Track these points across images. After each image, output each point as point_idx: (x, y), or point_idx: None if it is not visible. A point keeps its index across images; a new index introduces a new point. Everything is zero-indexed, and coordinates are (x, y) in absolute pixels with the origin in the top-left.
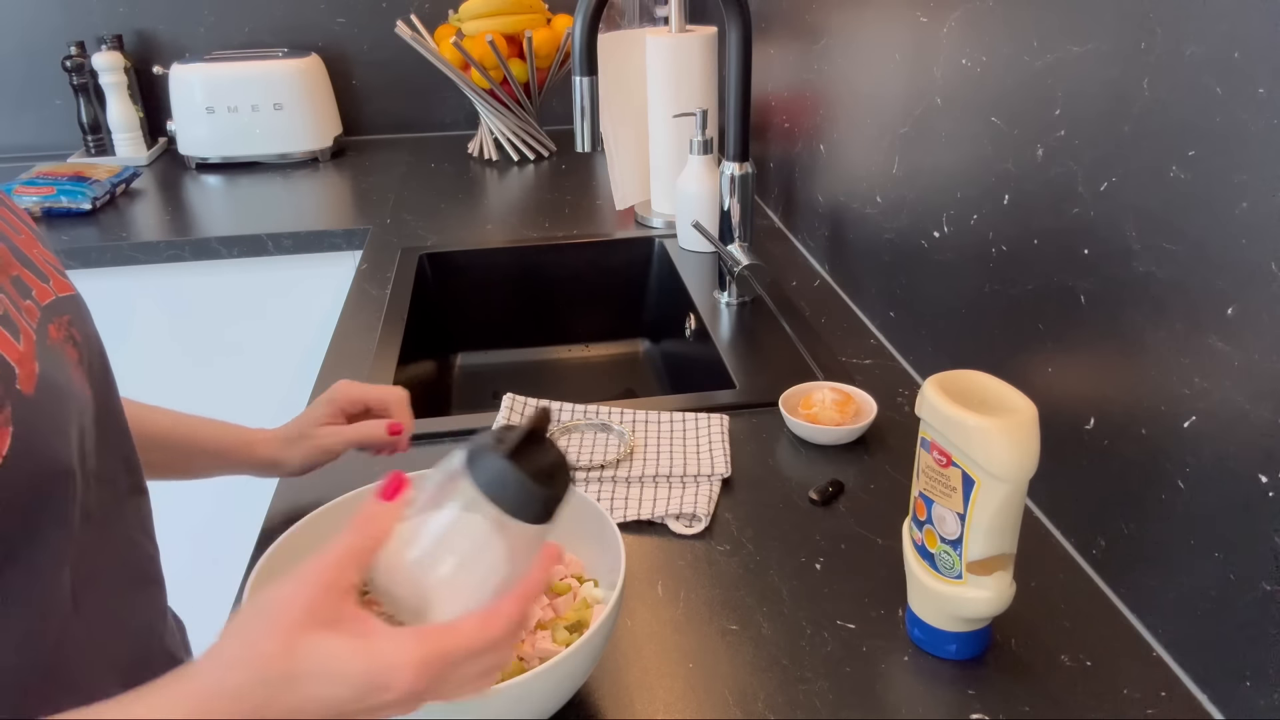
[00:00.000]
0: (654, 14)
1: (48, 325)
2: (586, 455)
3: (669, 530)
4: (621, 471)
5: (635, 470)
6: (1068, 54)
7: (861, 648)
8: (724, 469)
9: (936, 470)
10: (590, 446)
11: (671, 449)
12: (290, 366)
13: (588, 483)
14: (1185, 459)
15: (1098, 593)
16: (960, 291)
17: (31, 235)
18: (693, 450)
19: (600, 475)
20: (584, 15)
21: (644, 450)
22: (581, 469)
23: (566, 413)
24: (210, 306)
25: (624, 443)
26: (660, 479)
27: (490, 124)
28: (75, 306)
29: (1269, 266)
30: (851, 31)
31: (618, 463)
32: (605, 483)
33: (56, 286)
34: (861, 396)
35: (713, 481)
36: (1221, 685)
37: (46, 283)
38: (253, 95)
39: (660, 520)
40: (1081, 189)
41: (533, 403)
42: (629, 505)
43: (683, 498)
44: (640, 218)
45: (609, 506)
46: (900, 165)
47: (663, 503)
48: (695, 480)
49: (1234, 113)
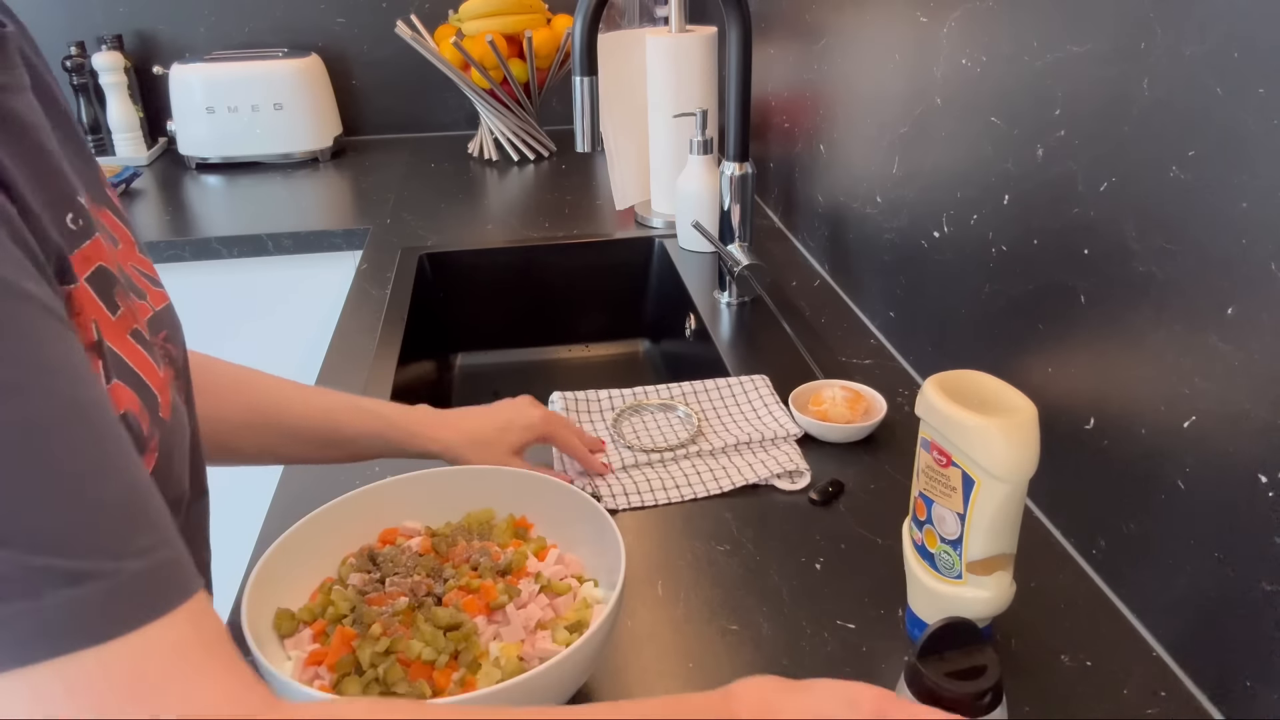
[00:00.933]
0: (654, 14)
1: (154, 347)
2: (660, 437)
3: (670, 530)
4: (701, 445)
5: (715, 443)
6: (1068, 54)
7: (861, 648)
8: (794, 428)
9: (936, 470)
10: (659, 427)
11: (734, 419)
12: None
13: (675, 461)
14: (1185, 459)
15: (1098, 593)
16: (960, 291)
17: (132, 242)
18: (753, 416)
19: (685, 453)
20: (584, 15)
21: (711, 424)
22: (659, 450)
23: (617, 398)
24: (210, 306)
25: (692, 420)
26: (742, 446)
27: (490, 124)
28: (170, 319)
29: (1269, 266)
30: (851, 31)
31: (693, 439)
32: (691, 459)
33: (153, 300)
34: (871, 394)
35: (790, 441)
36: (1221, 685)
37: (144, 298)
38: (253, 95)
39: (765, 482)
40: (1081, 189)
41: (581, 396)
42: (727, 474)
43: (777, 459)
44: (640, 218)
45: (701, 480)
46: (900, 165)
47: (760, 466)
48: (774, 442)
49: (1234, 113)
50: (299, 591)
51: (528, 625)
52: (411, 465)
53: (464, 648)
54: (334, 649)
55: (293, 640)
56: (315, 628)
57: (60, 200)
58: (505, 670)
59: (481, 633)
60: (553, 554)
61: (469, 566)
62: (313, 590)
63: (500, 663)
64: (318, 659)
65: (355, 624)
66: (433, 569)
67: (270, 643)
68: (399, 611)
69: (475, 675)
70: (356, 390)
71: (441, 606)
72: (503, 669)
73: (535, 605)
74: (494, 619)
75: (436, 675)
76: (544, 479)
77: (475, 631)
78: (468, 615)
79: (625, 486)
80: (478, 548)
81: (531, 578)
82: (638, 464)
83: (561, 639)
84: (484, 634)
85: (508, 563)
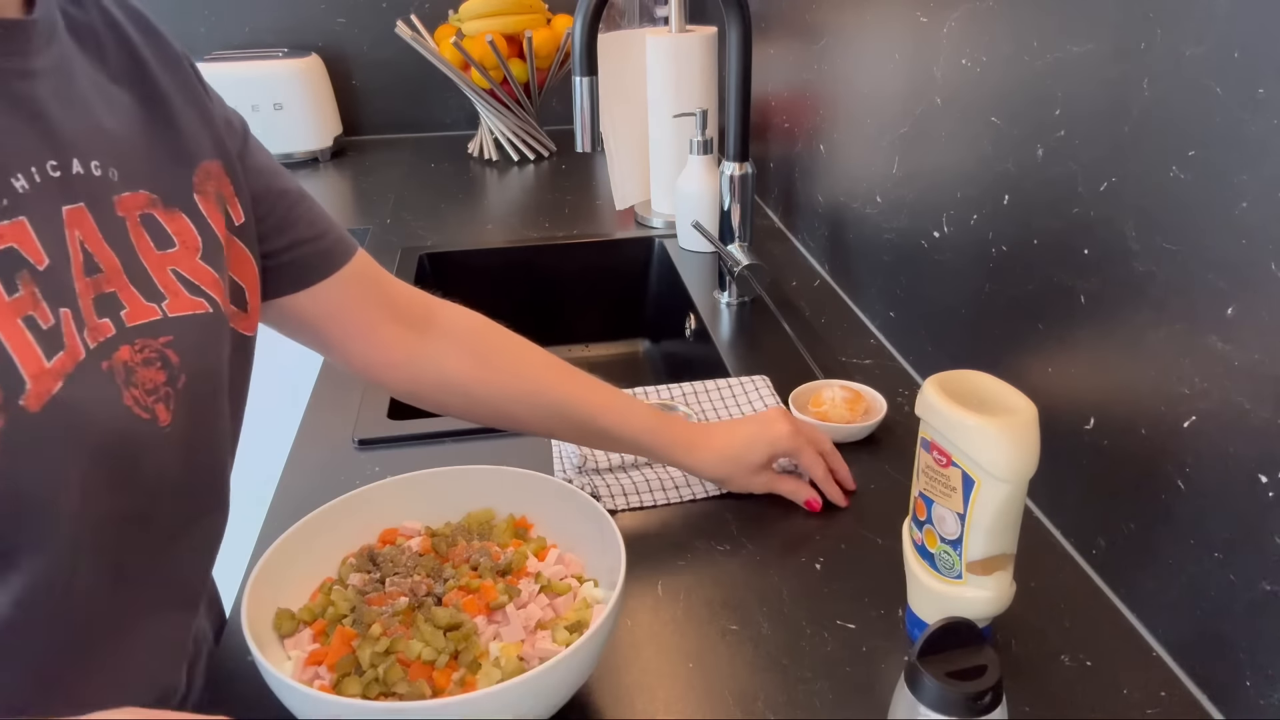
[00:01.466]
0: (654, 14)
1: (120, 346)
2: None
3: (670, 530)
4: None
5: None
6: (1068, 54)
7: (861, 648)
8: None
9: (936, 470)
10: None
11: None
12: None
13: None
14: (1185, 459)
15: (1098, 593)
16: (960, 291)
17: (195, 248)
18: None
19: None
20: (584, 15)
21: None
22: None
23: None
24: None
25: (692, 420)
26: None
27: (490, 124)
28: (193, 329)
29: (1269, 266)
30: (851, 31)
31: None
32: None
33: (172, 306)
34: (871, 394)
35: None
36: (1221, 685)
37: (158, 302)
38: (253, 95)
39: None
40: (1081, 189)
41: None
42: None
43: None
44: (640, 218)
45: (701, 480)
46: (900, 165)
47: None
48: None
49: (1234, 113)
50: (299, 591)
51: (528, 625)
52: (412, 465)
53: (464, 648)
54: (334, 649)
55: (293, 640)
56: (315, 627)
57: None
58: (505, 670)
59: (481, 633)
60: (553, 554)
61: (469, 566)
62: (313, 590)
63: (500, 663)
64: (318, 659)
65: (355, 624)
66: (433, 569)
67: (270, 643)
68: (399, 611)
69: (475, 675)
70: (355, 391)
71: (441, 606)
72: (503, 669)
73: (535, 605)
74: (494, 619)
75: (436, 675)
76: (544, 479)
77: (475, 631)
78: (468, 615)
79: (625, 486)
80: (478, 548)
81: (531, 578)
82: (637, 464)
83: (561, 639)
84: (484, 634)
85: (508, 563)
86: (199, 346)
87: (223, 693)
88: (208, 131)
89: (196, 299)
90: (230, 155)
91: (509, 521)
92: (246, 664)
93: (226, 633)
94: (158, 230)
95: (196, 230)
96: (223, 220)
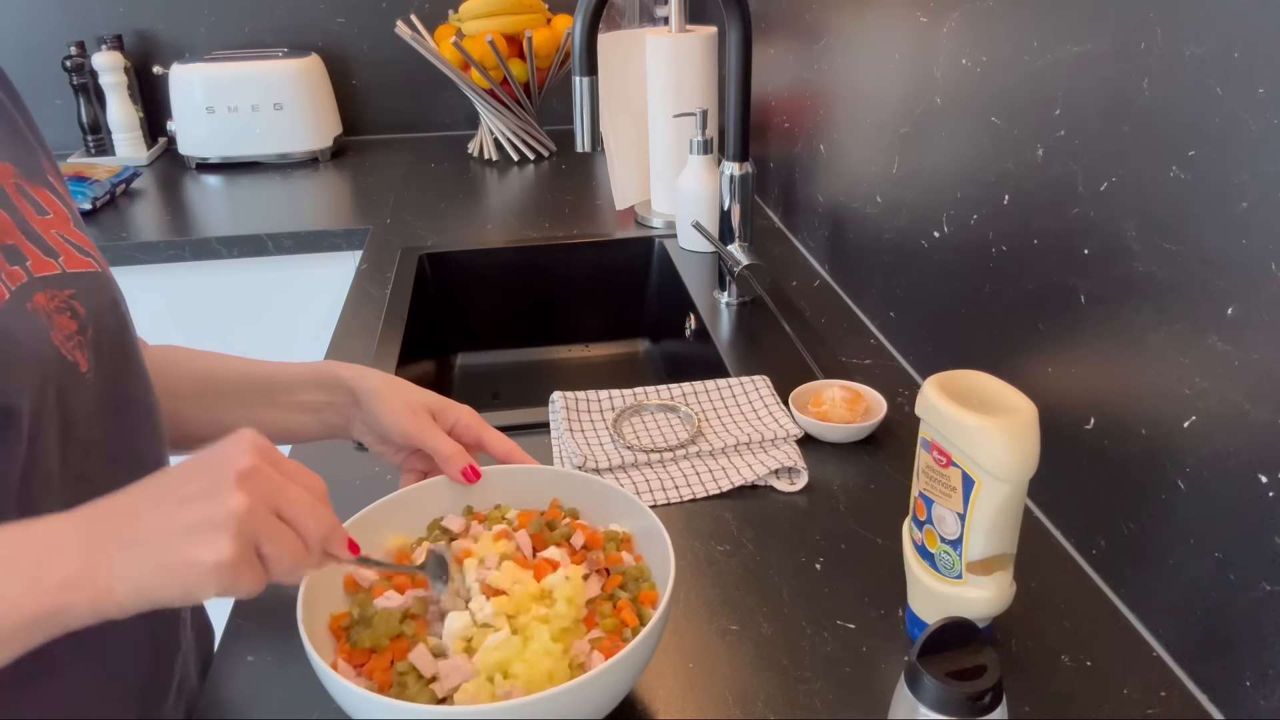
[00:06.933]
0: (654, 14)
1: (35, 293)
2: (660, 437)
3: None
4: (701, 446)
5: (716, 443)
6: (1068, 54)
7: (861, 648)
8: (795, 428)
9: (936, 470)
10: (659, 428)
11: (734, 419)
12: None
13: (675, 461)
14: (1185, 459)
15: (1098, 593)
16: (961, 291)
17: (66, 218)
18: (753, 416)
19: (685, 453)
20: (584, 15)
21: (711, 424)
22: (659, 451)
23: (618, 399)
24: (210, 307)
25: (692, 420)
26: (742, 447)
27: (490, 124)
28: (90, 286)
29: (1269, 266)
30: (851, 31)
31: (692, 439)
32: (691, 459)
33: (67, 264)
34: (871, 394)
35: (790, 441)
36: (1221, 685)
37: (54, 258)
38: (253, 95)
39: (763, 483)
40: (1081, 189)
41: (581, 396)
42: (726, 474)
43: (776, 458)
44: (640, 218)
45: (701, 480)
46: (900, 165)
47: (759, 466)
48: (774, 443)
49: (1234, 113)
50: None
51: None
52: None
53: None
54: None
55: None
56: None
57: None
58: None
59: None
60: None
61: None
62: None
63: (563, 598)
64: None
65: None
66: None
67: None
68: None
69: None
70: None
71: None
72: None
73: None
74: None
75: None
76: (591, 479)
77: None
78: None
79: (625, 487)
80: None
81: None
82: (637, 464)
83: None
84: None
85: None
86: (98, 302)
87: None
88: (33, 135)
89: (85, 259)
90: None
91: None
92: (246, 663)
93: (226, 632)
94: (32, 200)
95: (62, 204)
96: None
